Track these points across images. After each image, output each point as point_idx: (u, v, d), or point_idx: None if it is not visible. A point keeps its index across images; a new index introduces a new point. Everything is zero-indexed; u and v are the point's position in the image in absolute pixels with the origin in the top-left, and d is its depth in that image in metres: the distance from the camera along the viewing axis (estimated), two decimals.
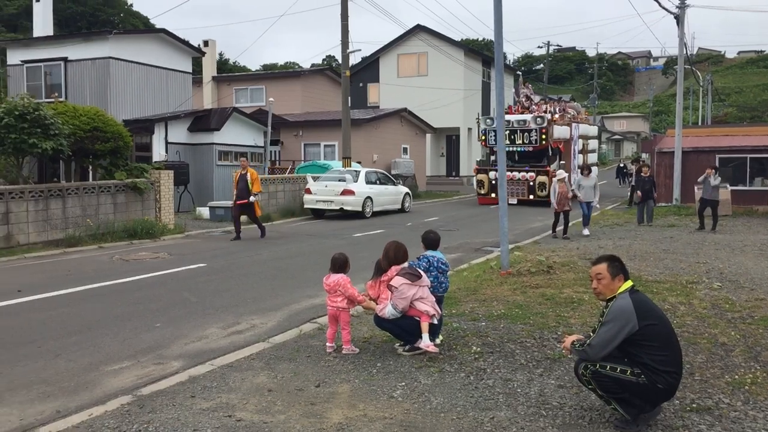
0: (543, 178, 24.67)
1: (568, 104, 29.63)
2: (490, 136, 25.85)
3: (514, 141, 25.32)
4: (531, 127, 24.89)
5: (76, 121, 15.29)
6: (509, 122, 24.86)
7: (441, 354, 6.02)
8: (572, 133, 26.91)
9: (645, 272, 10.08)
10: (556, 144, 25.36)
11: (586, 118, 31.67)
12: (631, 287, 4.33)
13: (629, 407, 4.25)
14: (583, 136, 29.32)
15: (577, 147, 27.93)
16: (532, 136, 24.96)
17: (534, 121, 24.83)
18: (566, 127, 26.33)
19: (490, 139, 25.75)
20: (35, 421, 4.76)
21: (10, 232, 13.10)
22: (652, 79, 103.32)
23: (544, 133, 24.70)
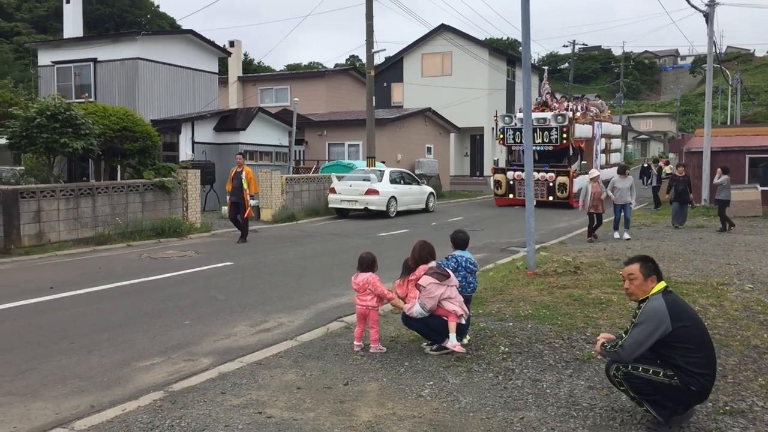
0: (563, 179, 23.86)
1: (590, 102, 28.56)
2: (508, 134, 25.09)
3: (534, 140, 24.48)
4: (551, 126, 23.84)
5: (106, 120, 15.52)
6: None
7: (469, 354, 6.01)
8: (594, 131, 26.13)
9: (674, 273, 9.95)
10: (577, 143, 24.53)
11: (609, 117, 30.79)
12: (664, 288, 4.28)
13: (662, 409, 4.21)
14: (606, 135, 28.55)
15: (599, 146, 27.12)
16: (552, 135, 23.90)
17: (554, 119, 23.78)
18: (588, 126, 25.47)
19: (508, 138, 25.04)
20: (70, 415, 4.85)
21: (41, 230, 13.34)
22: (680, 78, 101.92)
23: (565, 132, 23.70)
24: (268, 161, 25.43)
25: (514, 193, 24.72)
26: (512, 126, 24.69)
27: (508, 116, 25.22)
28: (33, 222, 13.20)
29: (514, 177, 24.61)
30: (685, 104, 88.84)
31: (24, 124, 13.80)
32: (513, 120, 24.73)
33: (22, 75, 37.27)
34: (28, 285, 9.79)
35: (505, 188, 25.06)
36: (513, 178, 24.76)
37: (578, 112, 25.22)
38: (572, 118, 23.91)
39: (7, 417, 4.82)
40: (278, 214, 19.72)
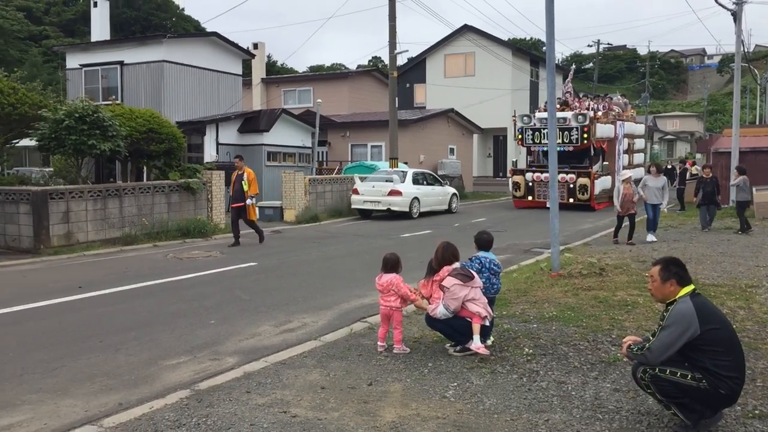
0: (584, 180, 23.07)
1: (612, 101, 27.54)
2: (527, 135, 24.34)
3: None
4: (572, 126, 22.94)
5: (133, 122, 15.73)
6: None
7: (493, 355, 5.99)
8: (617, 131, 25.24)
9: (702, 276, 9.81)
10: (599, 143, 23.71)
11: (632, 116, 29.71)
12: (692, 291, 4.23)
13: (690, 412, 4.16)
14: (629, 135, 27.64)
15: (622, 146, 26.17)
16: (572, 135, 23.04)
17: (575, 118, 22.88)
18: (610, 126, 24.60)
19: (527, 139, 24.31)
20: (99, 412, 4.93)
21: (70, 230, 13.57)
22: (707, 78, 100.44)
23: (586, 132, 22.85)
24: (292, 162, 25.57)
25: (534, 194, 24.19)
26: (531, 126, 24.07)
27: (527, 116, 24.52)
28: (62, 222, 13.43)
29: (534, 178, 24.07)
30: (713, 104, 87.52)
31: (53, 126, 14.04)
32: (532, 120, 24.11)
33: (51, 78, 37.94)
34: (57, 284, 9.96)
35: (524, 190, 24.42)
36: (532, 180, 24.14)
37: (599, 111, 24.47)
38: (593, 117, 23.14)
39: (38, 414, 4.91)
40: (301, 215, 19.82)
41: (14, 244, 13.35)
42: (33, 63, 44.10)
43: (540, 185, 23.71)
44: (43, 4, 62.75)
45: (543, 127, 23.02)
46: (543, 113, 23.68)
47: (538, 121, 23.64)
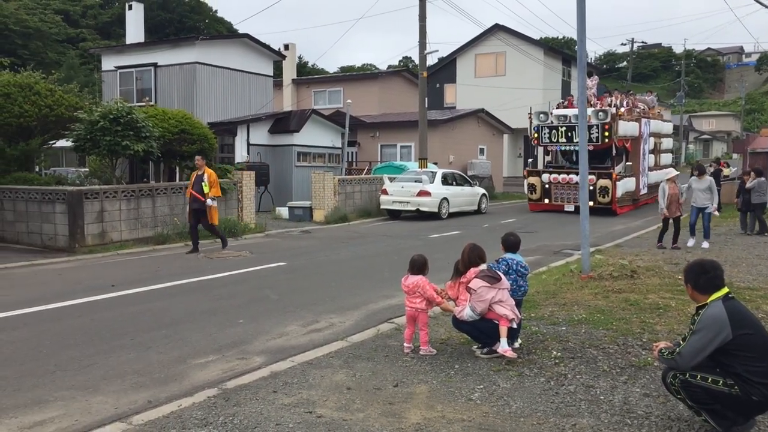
0: (605, 182, 21.34)
1: (637, 98, 26.14)
2: (543, 133, 22.69)
3: (572, 139, 21.73)
4: (592, 123, 21.06)
5: (165, 123, 15.96)
6: (566, 117, 21.96)
7: (520, 358, 5.94)
8: (642, 129, 23.57)
9: (737, 279, 9.60)
10: (621, 142, 22.12)
11: (659, 114, 28.09)
12: (725, 295, 4.13)
13: (721, 419, 4.07)
14: (656, 134, 26.15)
15: (647, 146, 24.73)
16: (593, 133, 21.12)
17: (595, 115, 21.08)
18: (634, 124, 22.93)
19: (544, 137, 22.69)
20: (129, 410, 5.01)
21: (104, 229, 13.82)
22: (744, 76, 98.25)
23: (607, 130, 21.19)
24: (321, 163, 25.70)
25: (550, 197, 22.67)
26: (548, 124, 22.53)
27: (544, 113, 22.81)
28: (96, 222, 13.69)
29: (550, 180, 22.52)
30: (750, 103, 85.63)
31: (88, 127, 14.32)
32: (549, 117, 22.57)
33: (87, 80, 38.66)
34: (91, 283, 10.15)
35: (540, 192, 22.84)
36: (549, 181, 22.56)
37: (622, 108, 22.97)
38: (615, 114, 21.51)
39: (69, 410, 5.01)
40: (330, 215, 19.90)
41: (50, 242, 13.65)
42: (70, 65, 45.02)
43: (557, 187, 22.45)
44: (80, 7, 64.07)
45: (561, 125, 22.04)
46: (561, 110, 22.78)
47: (555, 118, 22.36)
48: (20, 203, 14.18)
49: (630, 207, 22.99)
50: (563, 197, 22.25)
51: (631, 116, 22.99)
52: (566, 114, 22.04)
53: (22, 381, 5.65)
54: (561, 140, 22.23)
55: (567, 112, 22.24)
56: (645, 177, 24.40)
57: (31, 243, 13.98)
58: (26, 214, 14.11)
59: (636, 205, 23.83)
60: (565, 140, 22.09)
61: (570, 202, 21.87)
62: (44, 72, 17.11)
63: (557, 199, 22.42)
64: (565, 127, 21.96)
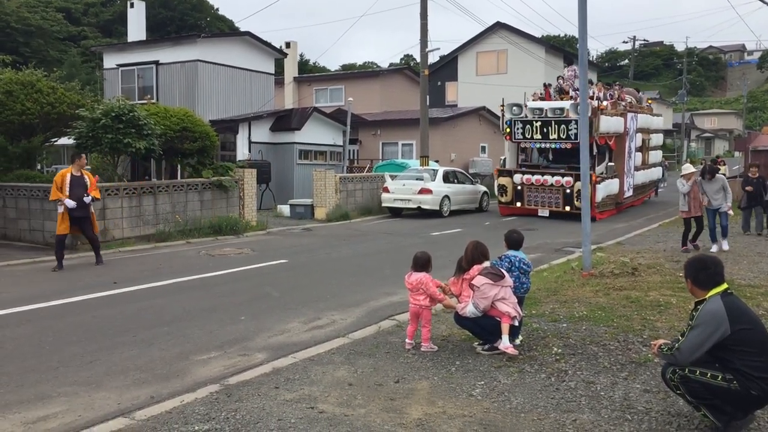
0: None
1: (624, 90, 23.78)
2: (516, 128, 20.18)
3: (548, 135, 19.52)
4: (570, 118, 18.83)
5: (167, 121, 15.98)
6: (542, 110, 19.63)
7: (521, 354, 5.96)
8: (628, 125, 21.09)
9: (738, 276, 9.62)
10: (603, 140, 19.62)
11: (648, 107, 25.61)
12: (724, 291, 4.15)
13: (720, 414, 4.09)
14: (644, 130, 23.74)
15: (634, 143, 22.17)
16: (571, 130, 18.86)
17: (574, 109, 18.47)
18: (619, 119, 20.42)
19: (517, 133, 20.22)
20: (131, 405, 5.04)
21: (106, 227, 13.85)
22: (746, 74, 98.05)
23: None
24: (323, 161, 25.73)
25: (522, 200, 20.19)
26: (521, 118, 20.07)
27: (517, 106, 20.27)
28: (98, 219, 13.65)
29: (523, 181, 20.02)
30: (753, 101, 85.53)
31: (90, 125, 14.34)
32: (523, 110, 20.15)
33: (89, 77, 38.70)
34: (93, 280, 10.18)
35: (512, 195, 20.32)
36: (521, 183, 20.06)
37: (605, 101, 20.46)
38: (596, 108, 18.89)
39: (72, 406, 5.04)
40: (332, 212, 19.92)
41: (53, 240, 13.62)
42: (72, 63, 45.04)
43: (531, 189, 19.96)
44: (81, 5, 64.09)
45: (535, 119, 19.67)
46: (536, 102, 20.50)
47: (530, 111, 19.95)
48: (22, 201, 14.21)
49: (612, 211, 20.84)
50: (537, 200, 19.91)
51: (615, 110, 20.66)
52: (542, 107, 19.83)
53: (25, 377, 5.68)
54: (536, 136, 19.85)
55: (542, 105, 20.04)
56: (630, 178, 22.03)
57: (34, 240, 14.01)
58: (28, 212, 14.14)
59: (620, 208, 21.61)
60: (541, 136, 19.76)
61: (544, 206, 19.75)
62: (46, 70, 17.13)
63: (530, 203, 20.10)
64: (540, 121, 19.61)
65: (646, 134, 24.33)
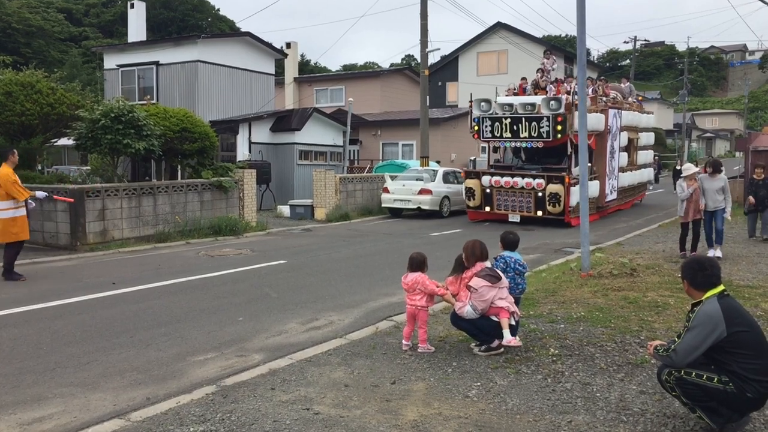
0: (556, 187, 17.32)
1: (609, 85, 22.31)
2: (484, 126, 18.52)
3: (518, 133, 17.90)
4: (542, 114, 17.42)
5: (167, 122, 15.99)
6: (512, 106, 18.03)
7: (518, 355, 5.95)
8: (609, 123, 19.46)
9: (736, 277, 9.61)
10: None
11: (637, 104, 23.95)
12: (720, 292, 4.14)
13: (715, 416, 4.08)
14: (631, 128, 21.92)
15: (617, 142, 20.52)
16: (542, 127, 17.40)
17: (546, 105, 17.33)
18: (599, 116, 18.70)
19: (485, 131, 18.54)
20: (127, 407, 5.03)
21: (105, 227, 13.86)
22: (748, 74, 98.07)
23: (561, 123, 17.20)
24: (323, 161, 25.74)
25: (492, 204, 18.65)
26: (490, 114, 18.46)
27: (485, 101, 18.74)
28: (98, 220, 13.72)
29: (491, 183, 18.45)
30: (754, 101, 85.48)
31: (90, 125, 14.36)
32: (491, 107, 18.57)
33: (90, 78, 38.79)
34: (92, 280, 10.19)
35: (480, 198, 18.78)
36: (490, 185, 18.49)
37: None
38: (571, 104, 17.34)
39: (68, 407, 5.04)
40: (332, 213, 19.93)
41: (52, 240, 13.69)
42: (73, 64, 45.15)
43: (500, 192, 18.41)
44: (82, 5, 64.21)
45: (504, 116, 18.04)
46: (506, 98, 19.03)
47: (499, 107, 18.33)
48: None
49: (593, 216, 18.24)
50: (507, 204, 18.37)
51: (596, 106, 18.93)
52: (512, 102, 18.22)
53: (21, 378, 5.68)
54: (505, 134, 18.18)
55: (513, 100, 18.41)
56: (614, 179, 20.55)
57: (33, 241, 13.97)
58: (28, 213, 14.10)
59: (602, 213, 20.01)
60: (510, 134, 18.09)
61: (515, 210, 18.22)
62: (47, 70, 17.15)
63: (500, 207, 18.54)
64: (510, 118, 17.97)
65: (634, 132, 22.77)
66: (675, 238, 13.82)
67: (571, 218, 17.29)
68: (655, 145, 54.47)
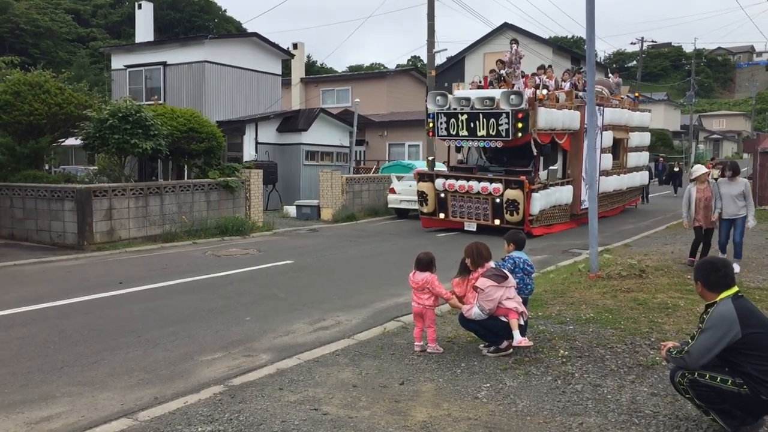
0: (514, 193, 15.11)
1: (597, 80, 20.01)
2: (440, 122, 16.48)
3: (476, 131, 15.79)
4: (501, 110, 15.30)
5: (174, 122, 16.00)
6: (468, 101, 15.94)
7: (527, 357, 5.91)
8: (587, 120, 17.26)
9: (746, 278, 9.52)
10: (547, 137, 15.97)
11: (630, 101, 21.73)
12: (734, 294, 4.09)
13: (729, 419, 4.03)
14: (618, 127, 19.50)
15: (598, 142, 16.07)
16: (501, 124, 15.30)
17: (506, 99, 15.26)
18: (572, 112, 16.91)
19: (440, 128, 16.52)
20: (135, 406, 5.02)
21: (112, 227, 13.87)
22: (755, 75, 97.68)
23: (521, 120, 15.07)
24: (329, 161, 25.72)
25: (447, 211, 16.56)
26: (446, 110, 16.42)
27: (441, 95, 16.88)
28: (105, 219, 13.74)
29: (445, 187, 16.38)
30: (761, 102, 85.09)
31: (97, 125, 14.38)
32: (447, 101, 16.52)
33: (98, 78, 38.91)
34: (99, 280, 10.19)
35: (434, 204, 16.67)
36: (444, 189, 16.42)
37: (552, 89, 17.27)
38: (533, 98, 15.53)
39: (76, 406, 5.03)
40: (338, 213, 19.90)
41: (59, 240, 13.71)
42: (80, 64, 45.34)
43: (455, 198, 16.30)
44: (90, 6, 64.43)
45: (461, 111, 16.00)
46: (462, 91, 17.57)
47: (455, 101, 16.30)
48: (30, 201, 14.26)
49: (568, 224, 17.43)
50: (463, 211, 16.31)
51: (570, 102, 17.21)
52: (469, 97, 16.22)
53: (29, 377, 5.67)
54: (461, 132, 16.12)
55: (470, 94, 16.55)
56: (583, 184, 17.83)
57: (41, 240, 14.05)
58: (36, 212, 14.18)
59: (578, 221, 17.54)
60: (467, 132, 16.00)
61: (471, 218, 16.17)
62: (54, 71, 17.18)
63: (456, 214, 16.45)
64: (466, 114, 15.92)
65: (623, 132, 20.38)
66: (684, 239, 13.74)
67: (532, 228, 15.51)
68: (662, 147, 54.31)
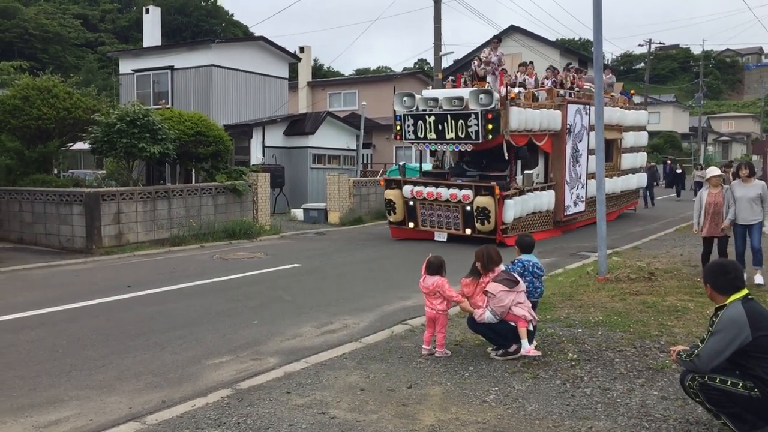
0: (485, 200, 14.14)
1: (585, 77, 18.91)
2: (407, 125, 15.42)
3: (444, 134, 14.72)
4: (470, 111, 14.28)
5: (181, 126, 16.04)
6: (436, 102, 14.85)
7: (535, 360, 5.88)
8: (570, 121, 16.40)
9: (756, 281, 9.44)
10: (523, 139, 14.94)
11: (625, 98, 20.69)
12: (744, 296, 4.06)
13: (740, 422, 3.99)
14: (609, 127, 17.41)
15: (584, 144, 16.98)
16: (470, 126, 14.26)
17: (476, 99, 14.19)
18: (552, 112, 15.87)
19: (407, 131, 15.43)
20: (143, 409, 5.02)
21: (121, 231, 13.92)
22: (764, 77, 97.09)
23: (491, 121, 14.00)
24: (336, 165, 25.72)
25: (416, 220, 15.52)
26: (413, 112, 15.33)
27: (408, 96, 15.71)
28: (113, 223, 13.78)
29: (414, 195, 15.27)
30: None
31: (105, 129, 14.43)
32: (415, 102, 15.38)
33: (106, 83, 39.11)
34: (108, 283, 10.22)
35: (402, 212, 15.63)
36: (412, 197, 15.32)
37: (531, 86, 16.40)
38: (505, 98, 14.32)
39: (84, 410, 5.04)
40: (345, 216, 19.90)
41: (68, 244, 13.76)
42: (89, 69, 45.54)
43: (424, 206, 15.25)
44: (98, 11, 64.80)
45: (428, 113, 14.92)
46: (431, 91, 16.56)
47: (423, 102, 15.16)
48: (38, 205, 14.32)
49: (551, 232, 16.50)
50: (433, 220, 15.27)
51: (551, 101, 16.25)
52: (436, 97, 15.12)
53: (38, 380, 5.68)
54: (429, 135, 15.00)
55: (438, 94, 15.45)
56: (579, 189, 17.25)
57: (49, 244, 14.11)
58: (44, 216, 14.25)
59: (566, 227, 17.11)
60: (435, 135, 14.89)
61: (442, 227, 15.15)
62: (63, 76, 17.27)
63: (425, 223, 15.42)
64: (434, 116, 14.84)
65: (616, 132, 19.17)
66: (693, 242, 13.65)
67: (504, 237, 14.35)
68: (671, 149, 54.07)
